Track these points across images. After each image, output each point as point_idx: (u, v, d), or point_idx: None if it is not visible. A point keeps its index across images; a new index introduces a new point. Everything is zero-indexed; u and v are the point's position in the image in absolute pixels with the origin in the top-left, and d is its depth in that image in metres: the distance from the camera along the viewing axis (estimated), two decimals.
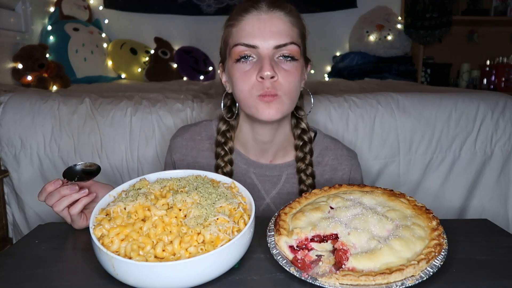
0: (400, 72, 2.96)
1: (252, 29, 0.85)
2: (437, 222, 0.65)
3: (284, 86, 0.85)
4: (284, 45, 0.85)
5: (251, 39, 0.85)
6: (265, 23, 0.85)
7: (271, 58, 0.84)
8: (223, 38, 0.93)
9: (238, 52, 0.86)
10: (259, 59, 0.85)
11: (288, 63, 0.86)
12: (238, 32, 0.87)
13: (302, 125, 0.99)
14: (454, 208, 1.54)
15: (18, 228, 1.54)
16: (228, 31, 0.90)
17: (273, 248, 0.64)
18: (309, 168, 0.97)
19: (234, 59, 0.87)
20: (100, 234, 0.60)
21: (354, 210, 0.68)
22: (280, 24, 0.86)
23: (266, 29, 0.85)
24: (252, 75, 0.85)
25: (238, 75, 0.86)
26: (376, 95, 1.53)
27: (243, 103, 0.89)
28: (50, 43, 2.47)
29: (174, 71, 2.85)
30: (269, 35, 0.84)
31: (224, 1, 3.05)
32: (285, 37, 0.85)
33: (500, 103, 1.53)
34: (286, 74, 0.85)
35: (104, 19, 3.03)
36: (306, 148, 0.98)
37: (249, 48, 0.85)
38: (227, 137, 0.98)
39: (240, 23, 0.87)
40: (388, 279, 0.54)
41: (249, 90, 0.85)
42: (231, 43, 0.88)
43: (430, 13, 2.96)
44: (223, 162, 0.97)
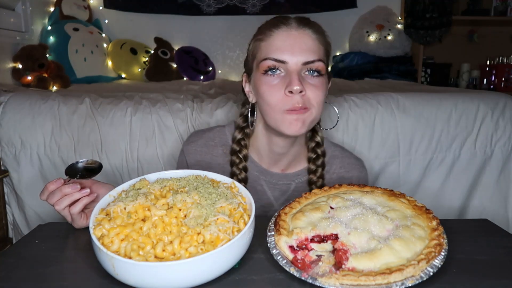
0: (400, 72, 2.96)
1: (282, 45, 0.87)
2: (437, 222, 0.65)
3: (312, 100, 0.87)
4: (312, 62, 0.87)
5: (280, 54, 0.86)
6: (295, 39, 0.87)
7: (299, 73, 0.86)
8: (251, 51, 0.95)
9: (266, 66, 0.88)
10: (287, 74, 0.86)
11: (315, 78, 0.88)
12: (268, 46, 0.89)
13: (317, 139, 1.01)
14: (454, 208, 1.54)
15: (18, 228, 1.54)
16: (257, 45, 0.92)
17: (273, 248, 0.64)
18: (319, 181, 1.00)
19: (262, 71, 0.88)
20: (100, 234, 0.60)
21: (354, 210, 0.68)
22: (309, 41, 0.88)
23: (296, 45, 0.86)
24: (280, 89, 0.86)
25: (266, 88, 0.88)
26: (376, 95, 1.53)
27: (268, 116, 0.90)
28: (50, 43, 2.47)
29: (174, 71, 2.85)
30: (299, 51, 0.86)
31: (224, 1, 3.05)
32: (313, 54, 0.87)
33: (500, 103, 1.53)
34: (314, 89, 0.87)
35: (104, 19, 3.03)
36: (319, 162, 1.00)
37: (278, 63, 0.87)
38: (242, 145, 1.00)
39: (270, 38, 0.89)
40: (388, 279, 0.54)
41: (276, 104, 0.87)
42: (260, 56, 0.90)
43: (430, 13, 2.96)
44: (238, 169, 0.99)
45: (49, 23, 2.59)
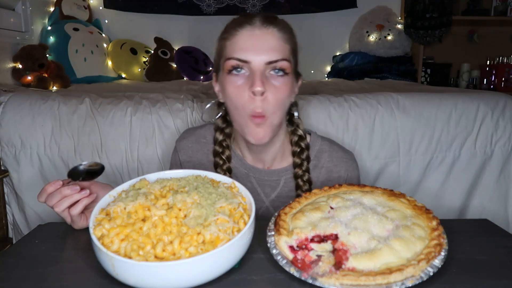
0: (400, 72, 2.96)
1: (245, 44, 0.87)
2: (437, 222, 0.65)
3: (271, 103, 0.86)
4: (275, 61, 0.86)
5: (243, 53, 0.86)
6: (258, 39, 0.87)
7: (262, 74, 0.86)
8: (218, 50, 0.95)
9: (230, 65, 0.88)
10: (251, 74, 0.86)
11: (279, 78, 0.87)
12: (232, 46, 0.89)
13: (299, 132, 1.00)
14: (454, 208, 1.54)
15: (18, 228, 1.54)
16: (222, 44, 0.92)
17: (273, 248, 0.64)
18: (306, 175, 0.98)
19: (227, 70, 0.89)
20: (100, 234, 0.60)
21: (354, 210, 0.68)
22: (273, 40, 0.87)
23: (259, 45, 0.86)
24: (244, 91, 0.86)
25: (231, 89, 0.88)
26: (376, 95, 1.53)
27: (235, 120, 0.92)
28: (50, 43, 2.47)
29: (174, 71, 2.85)
30: (262, 51, 0.86)
31: (224, 1, 3.05)
32: (277, 53, 0.86)
33: (500, 103, 1.53)
34: (275, 90, 0.86)
35: (104, 19, 3.03)
36: (303, 155, 0.99)
37: (241, 63, 0.86)
38: (224, 146, 0.99)
39: (234, 37, 0.89)
40: (388, 279, 0.54)
41: (242, 107, 0.87)
42: (225, 56, 0.90)
43: (430, 13, 2.96)
44: (222, 171, 0.99)
45: (49, 23, 2.59)
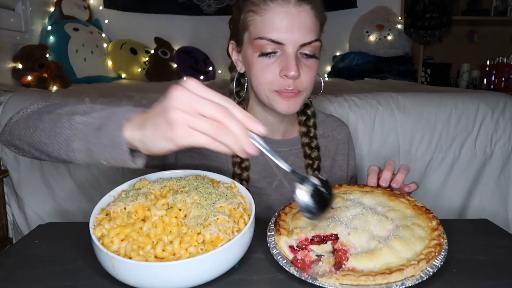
0: (400, 72, 2.96)
1: (280, 24, 0.81)
2: (437, 222, 0.65)
3: (305, 82, 0.85)
4: (309, 43, 0.82)
5: (277, 34, 0.81)
6: (294, 18, 0.81)
7: (296, 56, 0.82)
8: (242, 21, 0.87)
9: (262, 46, 0.82)
10: (284, 55, 0.82)
11: (310, 59, 0.85)
12: (263, 23, 0.82)
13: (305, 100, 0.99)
14: (454, 208, 1.54)
15: (18, 228, 1.54)
16: (249, 17, 0.85)
17: (273, 248, 0.64)
18: (313, 141, 0.98)
19: (256, 50, 0.84)
20: (100, 234, 0.60)
21: (354, 210, 0.68)
22: (308, 19, 0.82)
23: (295, 25, 0.81)
24: (274, 70, 0.83)
25: (259, 67, 0.84)
26: (376, 95, 1.53)
27: (259, 93, 0.88)
28: (50, 43, 2.47)
29: (174, 71, 2.85)
30: (297, 31, 0.81)
31: (224, 1, 3.05)
32: (311, 34, 0.83)
33: (500, 103, 1.53)
34: (308, 70, 0.84)
35: (104, 19, 3.03)
36: (310, 122, 0.99)
37: (275, 44, 0.82)
38: None
39: (266, 12, 0.82)
40: (388, 279, 0.54)
41: (268, 84, 0.85)
42: (254, 32, 0.84)
43: (430, 13, 2.96)
44: (240, 169, 0.94)
45: (49, 23, 2.59)
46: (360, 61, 3.03)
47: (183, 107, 0.50)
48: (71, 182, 1.49)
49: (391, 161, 0.83)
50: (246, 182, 0.95)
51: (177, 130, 0.49)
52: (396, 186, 0.79)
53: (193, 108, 0.49)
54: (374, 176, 0.81)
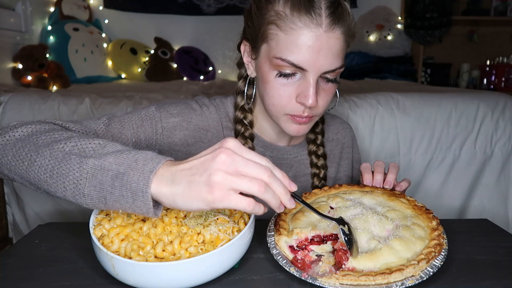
0: (400, 72, 2.97)
1: (307, 50, 0.72)
2: (437, 222, 0.65)
3: (320, 108, 0.79)
4: (333, 70, 0.75)
5: (301, 59, 0.72)
6: (322, 45, 0.72)
7: (316, 83, 0.75)
8: (262, 29, 0.76)
9: (281, 66, 0.75)
10: (303, 80, 0.75)
11: (329, 83, 0.78)
12: (287, 43, 0.73)
13: None
14: (454, 208, 1.54)
15: (18, 228, 1.54)
16: (272, 29, 0.74)
17: (273, 248, 0.64)
18: (320, 149, 0.95)
19: (274, 69, 0.76)
20: (100, 234, 0.60)
21: (354, 210, 0.68)
22: (337, 45, 0.74)
23: (322, 53, 0.72)
24: (291, 94, 0.77)
25: (275, 87, 0.77)
26: (376, 95, 1.53)
27: (269, 111, 0.83)
28: (50, 43, 2.47)
29: (174, 71, 2.85)
30: (323, 59, 0.73)
31: (224, 1, 3.05)
32: (337, 61, 0.75)
33: (500, 103, 1.53)
34: (325, 95, 0.78)
35: (104, 19, 3.03)
36: (318, 128, 0.96)
37: (296, 69, 0.74)
38: (246, 110, 0.89)
39: (292, 32, 0.72)
40: (388, 279, 0.54)
41: (282, 106, 0.78)
42: (275, 49, 0.75)
43: (430, 13, 2.97)
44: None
45: (49, 23, 2.59)
46: (360, 61, 3.03)
47: (227, 169, 0.49)
48: None
49: (379, 162, 0.82)
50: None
51: (217, 192, 0.49)
52: (389, 187, 0.79)
53: (237, 170, 0.50)
54: (370, 174, 0.81)
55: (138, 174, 0.52)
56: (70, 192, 0.55)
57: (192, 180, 0.50)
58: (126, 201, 0.52)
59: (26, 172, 0.59)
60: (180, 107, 0.88)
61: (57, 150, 0.58)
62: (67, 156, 0.56)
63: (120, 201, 0.53)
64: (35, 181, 0.58)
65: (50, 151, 0.58)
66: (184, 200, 0.50)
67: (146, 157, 0.54)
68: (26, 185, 0.61)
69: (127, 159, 0.54)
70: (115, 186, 0.52)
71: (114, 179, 0.52)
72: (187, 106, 0.88)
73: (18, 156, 0.59)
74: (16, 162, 0.60)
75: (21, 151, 0.60)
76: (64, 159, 0.56)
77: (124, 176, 0.52)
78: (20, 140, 0.61)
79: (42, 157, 0.58)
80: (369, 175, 0.81)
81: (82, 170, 0.54)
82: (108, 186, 0.53)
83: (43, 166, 0.57)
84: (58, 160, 0.56)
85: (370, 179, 0.80)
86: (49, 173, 0.56)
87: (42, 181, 0.57)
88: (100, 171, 0.53)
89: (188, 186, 0.50)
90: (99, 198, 0.54)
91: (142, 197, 0.51)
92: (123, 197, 0.52)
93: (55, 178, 0.56)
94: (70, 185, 0.55)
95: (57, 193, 0.56)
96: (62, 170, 0.55)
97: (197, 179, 0.50)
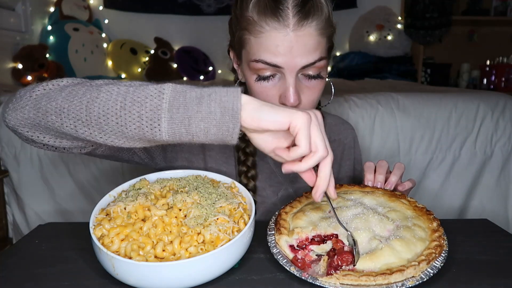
0: (400, 72, 2.97)
1: (276, 50, 0.72)
2: (438, 224, 0.65)
3: (306, 106, 0.78)
4: (312, 63, 0.74)
5: (274, 58, 0.72)
6: (292, 44, 0.71)
7: (296, 80, 0.74)
8: (237, 38, 0.79)
9: (259, 69, 0.75)
10: (283, 80, 0.75)
11: (313, 80, 0.77)
12: (259, 46, 0.74)
13: None
14: (454, 208, 1.54)
15: (18, 228, 1.54)
16: (245, 35, 0.76)
17: (273, 247, 0.64)
18: None
19: (253, 73, 0.77)
20: (100, 234, 0.60)
21: (354, 210, 0.68)
22: (310, 41, 0.72)
23: (293, 50, 0.72)
24: (274, 96, 0.77)
25: (258, 91, 0.78)
26: (376, 95, 1.53)
27: None
28: (50, 43, 2.47)
29: (174, 71, 2.85)
30: (297, 55, 0.72)
31: (224, 1, 3.05)
32: (314, 55, 0.73)
33: (500, 103, 1.53)
34: (310, 93, 0.78)
35: (104, 19, 3.03)
36: None
37: (272, 67, 0.74)
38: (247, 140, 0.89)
39: (261, 35, 0.73)
40: (388, 280, 0.54)
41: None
42: (250, 53, 0.76)
43: (430, 13, 2.97)
44: (246, 179, 0.90)
45: (49, 23, 2.59)
46: (360, 61, 3.03)
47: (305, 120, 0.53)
48: (71, 182, 1.49)
49: (383, 163, 0.81)
50: (253, 192, 0.90)
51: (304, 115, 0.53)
52: (390, 188, 0.78)
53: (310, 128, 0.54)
54: (372, 174, 0.80)
55: (225, 91, 0.53)
56: (147, 121, 0.53)
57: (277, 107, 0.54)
58: (214, 117, 0.52)
59: (85, 111, 0.55)
60: None
61: (125, 85, 0.56)
62: (140, 87, 0.55)
63: (206, 118, 0.52)
64: (98, 119, 0.55)
65: (118, 86, 0.56)
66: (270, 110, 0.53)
67: (222, 87, 0.54)
68: (78, 131, 0.57)
69: (203, 89, 0.54)
70: (202, 103, 0.52)
71: (200, 98, 0.53)
72: None
73: (73, 97, 0.56)
74: (70, 103, 0.56)
75: (75, 93, 0.57)
76: (138, 89, 0.54)
77: (211, 93, 0.53)
78: (70, 86, 0.59)
79: (106, 93, 0.55)
80: (370, 175, 0.80)
81: (162, 96, 0.53)
82: (194, 105, 0.52)
83: (110, 99, 0.54)
84: (130, 92, 0.54)
85: (372, 179, 0.80)
86: (120, 104, 0.54)
87: (110, 115, 0.54)
88: (182, 93, 0.53)
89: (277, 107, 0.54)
90: (183, 121, 0.53)
91: (232, 109, 0.52)
92: (210, 114, 0.52)
93: (128, 108, 0.53)
94: (147, 113, 0.53)
95: (127, 125, 0.54)
96: (137, 98, 0.53)
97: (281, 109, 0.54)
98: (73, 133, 0.58)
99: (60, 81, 0.61)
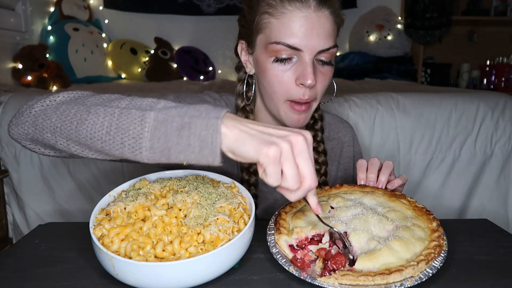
0: (400, 72, 2.97)
1: (299, 30, 0.76)
2: (437, 224, 0.65)
3: (318, 91, 0.83)
4: (327, 49, 0.79)
5: (295, 40, 0.77)
6: (313, 24, 0.77)
7: (313, 63, 0.79)
8: (256, 21, 0.82)
9: (277, 51, 0.79)
10: (300, 62, 0.79)
11: (325, 66, 0.82)
12: (280, 27, 0.78)
13: None
14: (454, 208, 1.54)
15: (18, 228, 1.54)
16: (265, 19, 0.80)
17: (273, 247, 0.64)
18: (320, 145, 0.96)
19: (271, 55, 0.80)
20: (100, 234, 0.60)
21: (354, 210, 0.68)
22: (327, 24, 0.78)
23: (314, 31, 0.77)
24: (290, 78, 0.80)
25: (274, 75, 0.81)
26: (376, 95, 1.53)
27: (269, 102, 0.86)
28: (50, 43, 2.47)
29: (174, 71, 2.85)
30: (316, 37, 0.77)
31: (224, 1, 3.05)
32: (330, 40, 0.79)
33: (500, 103, 1.53)
34: (323, 78, 0.82)
35: (104, 19, 3.03)
36: (317, 125, 0.97)
37: (292, 50, 0.78)
38: (247, 111, 0.92)
39: (283, 16, 0.77)
40: (387, 280, 0.54)
41: (284, 92, 0.81)
42: (270, 36, 0.79)
43: (430, 13, 2.97)
44: (248, 174, 0.92)
45: (49, 23, 2.59)
46: (360, 61, 3.03)
47: (296, 147, 0.52)
48: (71, 182, 1.49)
49: (374, 161, 0.81)
50: (255, 187, 0.92)
51: (273, 152, 0.50)
52: (381, 187, 0.79)
53: (300, 156, 0.52)
54: (364, 173, 0.81)
55: (206, 122, 0.52)
56: (129, 148, 0.54)
57: (263, 133, 0.52)
58: (193, 151, 0.53)
59: (75, 132, 0.57)
60: (195, 99, 0.92)
61: (112, 107, 0.57)
62: (125, 111, 0.55)
63: (185, 151, 0.53)
64: (86, 140, 0.57)
65: (104, 108, 0.57)
66: (245, 143, 0.52)
67: (208, 108, 0.54)
68: (70, 148, 0.59)
69: (188, 111, 0.54)
70: (182, 136, 0.52)
71: (180, 130, 0.52)
72: (201, 99, 0.93)
73: (65, 117, 0.58)
74: (62, 123, 0.58)
75: (67, 112, 0.58)
76: (122, 114, 0.55)
77: (191, 125, 0.52)
78: (64, 103, 0.60)
79: (94, 115, 0.56)
80: (362, 174, 0.80)
81: (144, 124, 0.53)
82: (174, 137, 0.53)
83: (97, 123, 0.56)
84: (115, 116, 0.55)
85: (364, 178, 0.80)
86: (105, 129, 0.55)
87: (96, 139, 0.56)
88: (163, 123, 0.53)
89: (255, 136, 0.52)
90: (163, 151, 0.53)
91: (212, 144, 0.52)
92: (189, 147, 0.52)
93: (113, 134, 0.55)
94: (130, 140, 0.54)
95: (112, 151, 0.55)
96: (121, 125, 0.54)
97: (267, 137, 0.52)
98: (66, 150, 0.61)
99: (57, 97, 0.62)
